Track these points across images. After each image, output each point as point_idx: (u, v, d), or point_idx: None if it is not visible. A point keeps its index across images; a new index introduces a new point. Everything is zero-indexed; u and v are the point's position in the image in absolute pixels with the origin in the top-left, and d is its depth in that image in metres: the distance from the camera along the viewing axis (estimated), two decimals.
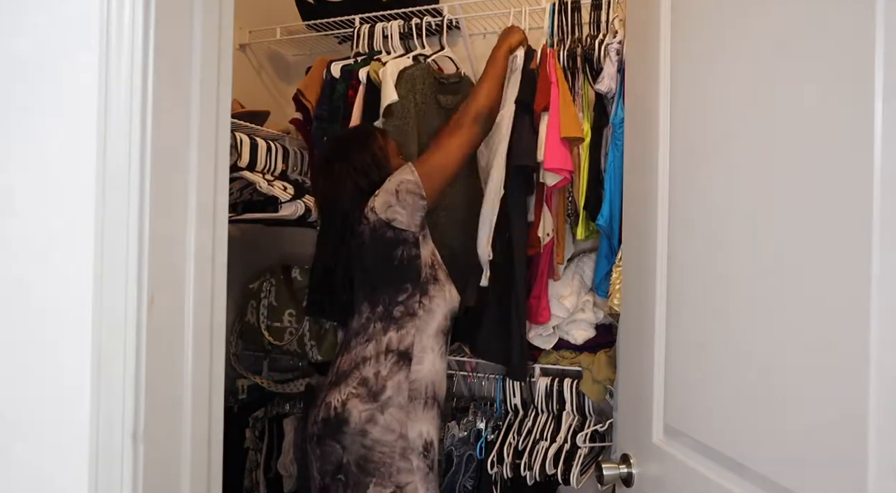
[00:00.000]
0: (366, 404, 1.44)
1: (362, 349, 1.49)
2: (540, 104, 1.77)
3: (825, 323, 0.68)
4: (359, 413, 1.43)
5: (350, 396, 1.44)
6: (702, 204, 0.90)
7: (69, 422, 0.72)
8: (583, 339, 1.90)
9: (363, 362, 1.48)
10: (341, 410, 1.44)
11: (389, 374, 1.46)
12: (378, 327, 1.51)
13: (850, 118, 0.65)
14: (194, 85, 0.81)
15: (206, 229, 0.84)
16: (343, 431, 1.43)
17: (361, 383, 1.45)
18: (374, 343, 1.49)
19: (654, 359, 1.00)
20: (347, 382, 1.47)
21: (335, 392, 1.47)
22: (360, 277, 1.57)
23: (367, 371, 1.46)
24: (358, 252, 1.55)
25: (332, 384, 1.50)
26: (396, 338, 1.49)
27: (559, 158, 1.71)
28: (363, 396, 1.44)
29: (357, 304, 1.57)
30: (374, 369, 1.46)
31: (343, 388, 1.46)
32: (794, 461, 0.72)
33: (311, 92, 2.01)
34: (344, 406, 1.44)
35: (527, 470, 1.84)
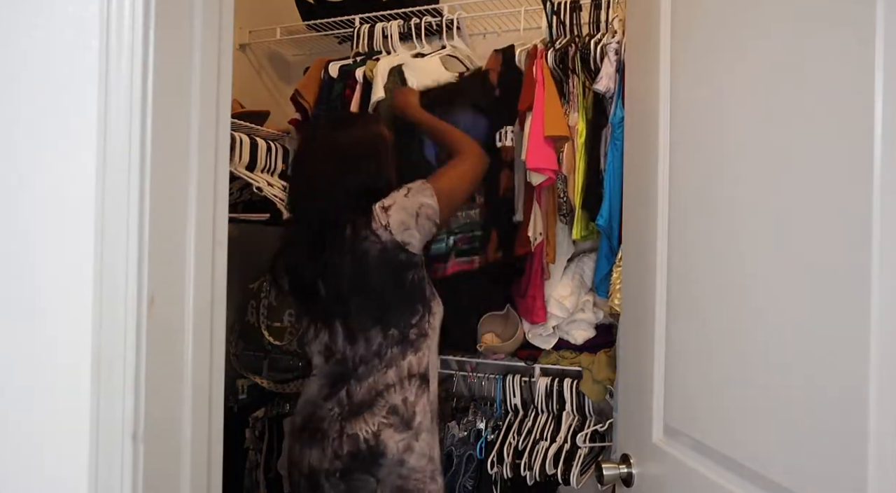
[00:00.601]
0: (401, 433, 1.39)
1: (382, 376, 1.42)
2: (524, 104, 1.78)
3: (825, 323, 0.68)
4: (395, 444, 1.38)
5: (382, 426, 1.38)
6: (702, 204, 0.90)
7: (69, 422, 0.71)
8: (583, 339, 1.90)
9: (387, 389, 1.41)
10: (374, 442, 1.37)
11: (416, 399, 1.42)
12: (395, 351, 1.43)
13: (851, 118, 0.65)
14: (194, 85, 0.81)
15: (206, 230, 0.84)
16: (379, 463, 1.37)
17: (392, 412, 1.39)
18: (395, 369, 1.42)
19: (654, 359, 1.00)
20: (374, 411, 1.40)
21: (359, 423, 1.39)
22: (361, 299, 1.45)
23: (395, 399, 1.40)
24: (359, 270, 1.43)
25: (350, 414, 1.41)
26: (416, 361, 1.44)
27: (542, 158, 1.71)
28: (396, 425, 1.39)
29: (360, 327, 1.45)
30: (402, 395, 1.41)
31: (369, 418, 1.39)
32: (794, 460, 0.72)
33: (308, 92, 2.01)
34: (377, 438, 1.37)
35: (527, 470, 1.84)
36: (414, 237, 1.42)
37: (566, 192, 1.79)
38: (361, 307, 1.46)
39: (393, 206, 1.42)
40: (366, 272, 1.43)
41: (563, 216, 1.81)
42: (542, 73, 1.77)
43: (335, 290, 1.46)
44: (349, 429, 1.40)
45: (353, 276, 1.43)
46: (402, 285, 1.44)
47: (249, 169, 1.94)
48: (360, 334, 1.45)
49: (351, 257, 1.42)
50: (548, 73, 1.77)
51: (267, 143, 2.01)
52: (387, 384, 1.41)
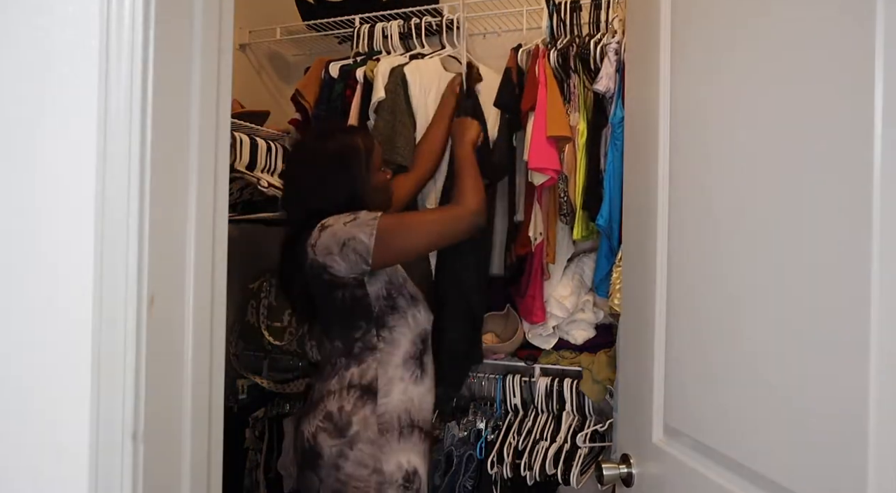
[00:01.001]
0: (334, 439, 1.42)
1: (326, 383, 1.48)
2: (526, 105, 1.78)
3: (825, 323, 0.68)
4: (329, 448, 1.42)
5: (318, 429, 1.44)
6: (702, 204, 0.90)
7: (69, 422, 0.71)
8: (583, 339, 1.90)
9: (327, 395, 1.46)
10: (313, 443, 1.44)
11: (354, 409, 1.43)
12: (342, 362, 1.48)
13: (851, 116, 0.65)
14: (194, 85, 0.81)
15: (206, 229, 0.84)
16: (318, 464, 1.43)
17: (327, 418, 1.44)
18: (337, 378, 1.47)
19: (654, 359, 1.00)
20: (315, 413, 1.46)
21: (307, 423, 1.48)
22: (313, 308, 1.55)
23: (332, 405, 1.45)
24: (304, 283, 1.50)
25: (305, 413, 1.51)
26: (358, 373, 1.46)
27: (544, 158, 1.72)
28: (330, 431, 1.43)
29: (321, 334, 1.58)
30: (338, 403, 1.44)
31: (311, 420, 1.46)
32: (794, 460, 0.72)
33: (309, 92, 2.01)
34: (315, 439, 1.44)
35: (527, 470, 1.84)
36: (338, 263, 1.41)
37: (567, 192, 1.79)
38: (320, 317, 1.56)
39: (330, 228, 1.42)
40: (307, 284, 1.50)
41: (564, 216, 1.81)
42: (544, 74, 1.77)
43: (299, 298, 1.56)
44: (301, 426, 1.49)
45: (302, 285, 1.51)
46: (332, 302, 1.48)
47: (249, 169, 1.94)
48: (323, 341, 1.56)
49: (301, 266, 1.48)
50: (550, 73, 1.77)
51: (267, 143, 2.01)
52: (328, 390, 1.48)
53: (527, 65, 1.85)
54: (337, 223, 1.42)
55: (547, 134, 1.71)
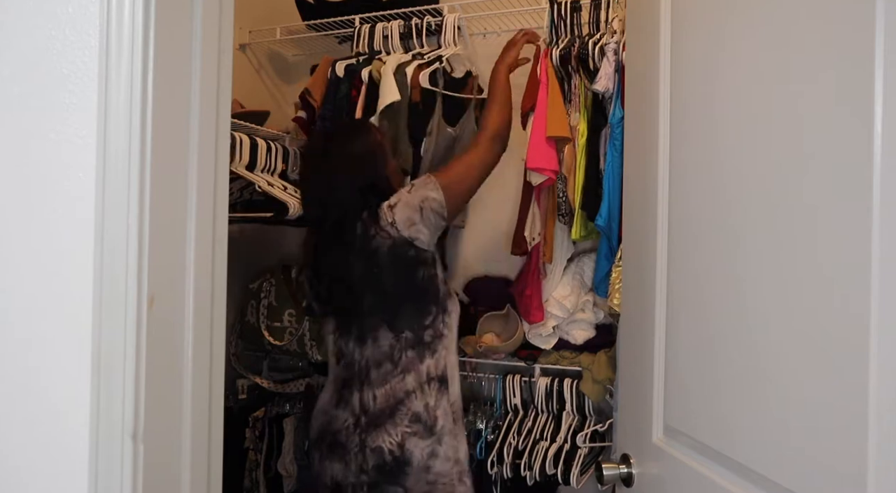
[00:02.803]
0: (425, 440, 1.38)
1: (400, 383, 1.40)
2: (526, 105, 1.78)
3: (826, 323, 0.68)
4: (420, 451, 1.37)
5: (406, 435, 1.37)
6: (702, 204, 0.90)
7: (69, 422, 0.71)
8: (583, 339, 1.90)
9: (407, 396, 1.39)
10: (400, 452, 1.36)
11: (437, 403, 1.41)
12: (410, 355, 1.42)
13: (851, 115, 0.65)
14: (194, 85, 0.81)
15: (206, 229, 0.84)
16: (406, 472, 1.36)
17: (414, 420, 1.38)
18: (413, 374, 1.40)
19: (654, 359, 1.00)
20: (395, 421, 1.38)
21: (381, 435, 1.37)
22: (375, 299, 1.44)
23: (416, 405, 1.39)
24: (369, 268, 1.42)
25: (370, 426, 1.39)
26: (433, 364, 1.42)
27: (543, 158, 1.72)
28: (420, 432, 1.38)
29: (369, 328, 1.44)
30: (423, 401, 1.39)
31: (391, 429, 1.37)
32: (794, 461, 0.72)
33: (317, 91, 2.01)
34: (402, 448, 1.36)
35: (527, 470, 1.84)
36: (422, 232, 1.42)
37: (566, 192, 1.78)
38: (372, 307, 1.44)
39: (398, 203, 1.42)
40: (376, 271, 1.42)
41: (563, 216, 1.81)
42: (546, 74, 1.77)
43: (346, 289, 1.46)
44: (371, 442, 1.38)
45: (363, 275, 1.43)
46: (413, 283, 1.44)
47: (249, 169, 1.94)
48: (370, 335, 1.44)
49: (361, 256, 1.42)
50: (552, 73, 1.77)
51: (267, 143, 2.01)
52: (406, 391, 1.39)
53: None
54: (402, 196, 1.43)
55: (547, 134, 1.71)
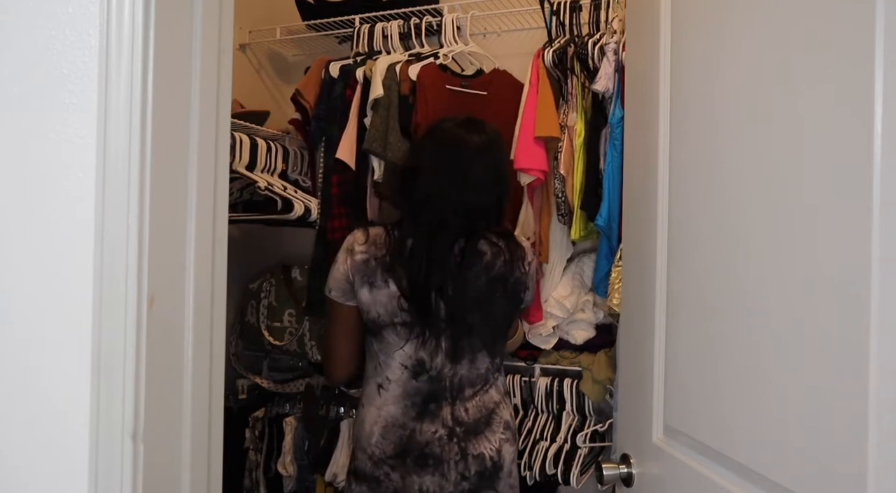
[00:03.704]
0: (512, 445, 1.48)
1: (486, 395, 1.46)
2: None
3: (826, 323, 0.68)
4: (510, 456, 1.47)
5: (502, 442, 1.45)
6: (702, 203, 0.90)
7: (69, 422, 0.71)
8: (583, 339, 1.90)
9: (497, 406, 1.47)
10: (497, 458, 1.44)
11: (512, 413, 1.53)
12: (497, 374, 1.51)
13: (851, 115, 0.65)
14: (194, 85, 0.81)
15: (206, 229, 0.84)
16: (499, 477, 1.44)
17: (506, 428, 1.47)
18: (495, 388, 1.48)
19: (654, 359, 1.00)
20: (493, 429, 1.45)
21: (482, 442, 1.43)
22: (482, 322, 1.42)
23: (505, 414, 1.48)
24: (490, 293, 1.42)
25: (468, 435, 1.41)
26: (503, 380, 1.53)
27: (530, 158, 1.72)
28: (510, 439, 1.48)
29: (468, 348, 1.42)
30: (508, 410, 1.50)
31: (490, 436, 1.44)
32: (794, 461, 0.72)
33: (309, 92, 2.02)
34: (500, 454, 1.44)
35: (527, 470, 1.84)
36: (530, 292, 1.51)
37: (564, 192, 1.78)
38: (477, 329, 1.42)
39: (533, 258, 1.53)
40: (495, 297, 1.43)
41: (562, 216, 1.81)
42: (536, 74, 1.77)
43: (454, 304, 1.40)
44: (473, 450, 1.41)
45: (480, 296, 1.40)
46: (512, 320, 1.53)
47: (249, 169, 1.94)
48: (468, 355, 1.42)
49: (485, 277, 1.41)
50: (544, 73, 1.77)
51: (267, 143, 2.01)
52: (495, 402, 1.47)
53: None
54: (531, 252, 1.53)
55: (535, 134, 1.72)
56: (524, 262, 1.47)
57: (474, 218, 1.41)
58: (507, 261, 1.43)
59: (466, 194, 1.39)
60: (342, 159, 1.91)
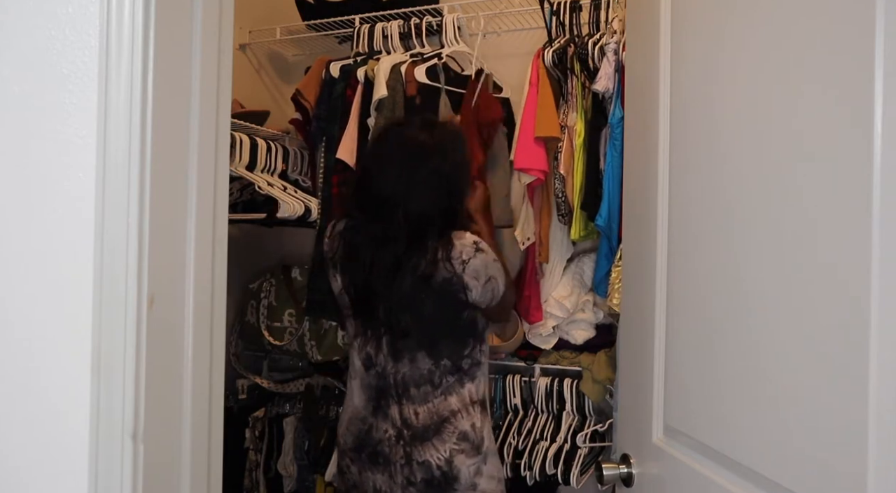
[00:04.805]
0: (472, 458, 1.40)
1: (443, 403, 1.41)
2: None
3: (826, 323, 0.68)
4: (468, 469, 1.39)
5: (454, 452, 1.39)
6: (702, 203, 0.90)
7: (69, 422, 0.71)
8: (583, 339, 1.90)
9: (453, 415, 1.41)
10: (448, 468, 1.38)
11: (482, 424, 1.44)
12: (451, 380, 1.43)
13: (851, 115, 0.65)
14: (194, 85, 0.81)
15: (206, 229, 0.84)
16: (455, 488, 1.39)
17: (462, 438, 1.40)
18: (456, 396, 1.42)
19: (654, 359, 1.00)
20: (442, 437, 1.39)
21: (428, 450, 1.39)
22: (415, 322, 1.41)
23: (463, 424, 1.41)
24: (421, 293, 1.38)
25: (415, 440, 1.40)
26: (474, 389, 1.45)
27: (530, 158, 1.73)
28: (468, 451, 1.40)
29: (405, 348, 1.42)
30: (469, 421, 1.42)
31: (438, 445, 1.39)
32: (794, 461, 0.72)
33: (309, 92, 2.01)
34: (450, 464, 1.39)
35: (527, 470, 1.84)
36: (476, 291, 1.39)
37: (564, 192, 1.79)
38: (410, 330, 1.42)
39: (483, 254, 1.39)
40: (423, 297, 1.39)
41: (562, 217, 1.81)
42: (536, 74, 1.78)
43: (391, 304, 1.41)
44: (418, 456, 1.40)
45: (408, 296, 1.39)
46: (455, 322, 1.43)
47: (249, 169, 1.94)
48: (406, 355, 1.42)
49: (411, 276, 1.38)
50: (544, 73, 1.78)
51: (267, 143, 2.01)
52: (452, 411, 1.41)
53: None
54: (489, 254, 1.40)
55: (535, 135, 1.72)
56: (454, 261, 1.36)
57: (421, 224, 1.37)
58: (430, 261, 1.36)
59: (411, 201, 1.36)
60: (343, 159, 1.91)
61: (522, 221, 1.84)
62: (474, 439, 1.41)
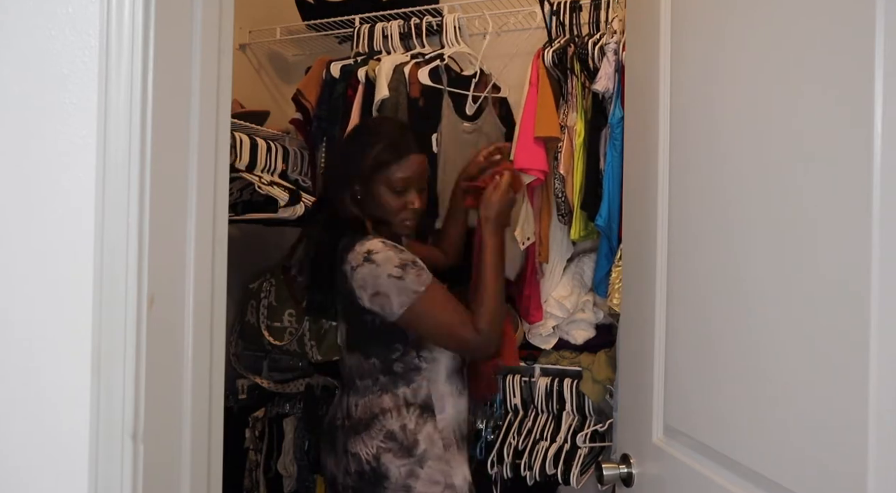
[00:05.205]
0: (401, 459, 1.37)
1: (377, 399, 1.40)
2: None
3: (826, 323, 0.68)
4: (397, 469, 1.37)
5: (381, 450, 1.37)
6: (702, 203, 0.90)
7: (69, 422, 0.71)
8: (583, 339, 1.90)
9: (382, 413, 1.39)
10: (376, 465, 1.37)
11: (417, 427, 1.39)
12: (385, 379, 1.41)
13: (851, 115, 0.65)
14: (194, 85, 0.81)
15: (206, 229, 0.84)
16: (384, 486, 1.37)
17: (389, 437, 1.38)
18: (389, 395, 1.40)
19: (654, 359, 1.00)
20: (371, 433, 1.39)
21: (359, 443, 1.39)
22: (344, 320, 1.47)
23: (392, 424, 1.38)
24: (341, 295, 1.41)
25: (351, 431, 1.41)
26: (410, 392, 1.41)
27: (530, 158, 1.73)
28: (395, 451, 1.37)
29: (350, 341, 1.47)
30: (399, 422, 1.39)
31: (367, 440, 1.39)
32: (794, 461, 0.72)
33: (310, 92, 2.01)
34: (378, 461, 1.37)
35: (527, 470, 1.84)
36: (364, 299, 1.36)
37: (564, 192, 1.78)
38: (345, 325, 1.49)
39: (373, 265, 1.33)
40: (337, 300, 1.45)
41: (562, 217, 1.81)
42: (536, 74, 1.78)
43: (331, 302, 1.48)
44: (351, 447, 1.41)
45: (338, 296, 1.43)
46: (363, 323, 1.41)
47: (249, 169, 1.94)
48: (354, 348, 1.47)
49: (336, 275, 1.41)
50: (544, 73, 1.77)
51: (267, 143, 2.01)
52: (382, 409, 1.40)
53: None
54: (384, 266, 1.32)
55: (535, 135, 1.72)
56: (345, 266, 1.36)
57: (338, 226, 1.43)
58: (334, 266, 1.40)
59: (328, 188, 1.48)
60: None
61: (522, 220, 1.84)
62: (403, 440, 1.38)
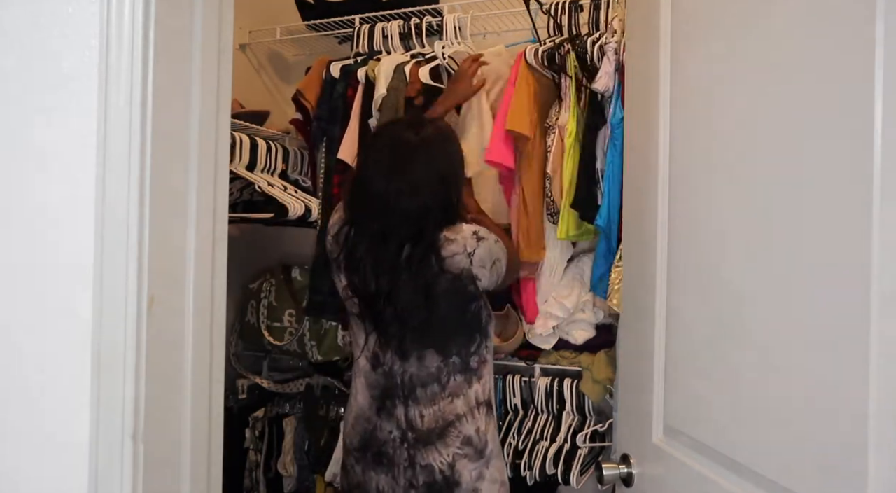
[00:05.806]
0: (474, 462, 1.39)
1: (449, 405, 1.40)
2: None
3: (826, 323, 0.68)
4: (469, 473, 1.38)
5: (457, 456, 1.38)
6: (703, 203, 0.90)
7: (69, 422, 0.72)
8: (583, 339, 1.90)
9: (458, 419, 1.40)
10: (450, 472, 1.38)
11: (486, 427, 1.42)
12: (459, 379, 1.41)
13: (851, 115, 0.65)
14: (194, 85, 0.81)
15: (206, 229, 0.84)
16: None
17: (465, 443, 1.39)
18: (462, 399, 1.41)
19: (653, 359, 1.00)
20: (446, 442, 1.39)
21: (432, 453, 1.39)
22: (423, 320, 1.40)
23: (467, 429, 1.39)
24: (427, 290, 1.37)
25: (419, 443, 1.40)
26: (481, 389, 1.43)
27: (496, 153, 1.77)
28: (471, 455, 1.39)
29: (414, 348, 1.41)
30: (474, 425, 1.40)
31: (442, 449, 1.39)
32: (794, 461, 0.72)
33: (310, 92, 2.01)
34: (452, 468, 1.38)
35: (527, 470, 1.84)
36: (486, 277, 1.39)
37: (551, 192, 1.78)
38: (419, 329, 1.41)
39: (485, 241, 1.39)
40: (433, 295, 1.38)
41: (551, 216, 1.80)
42: (515, 74, 1.80)
43: (397, 303, 1.40)
44: (421, 459, 1.39)
45: (413, 298, 1.38)
46: (464, 315, 1.42)
47: (249, 169, 1.95)
48: (414, 354, 1.42)
49: (416, 279, 1.37)
50: (525, 73, 1.79)
51: (267, 143, 2.01)
52: (457, 415, 1.40)
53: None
54: (489, 238, 1.40)
55: (506, 127, 1.75)
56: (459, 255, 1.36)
57: (419, 221, 1.37)
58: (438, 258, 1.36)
59: (405, 199, 1.36)
60: (344, 160, 1.91)
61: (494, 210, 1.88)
62: (478, 443, 1.40)
